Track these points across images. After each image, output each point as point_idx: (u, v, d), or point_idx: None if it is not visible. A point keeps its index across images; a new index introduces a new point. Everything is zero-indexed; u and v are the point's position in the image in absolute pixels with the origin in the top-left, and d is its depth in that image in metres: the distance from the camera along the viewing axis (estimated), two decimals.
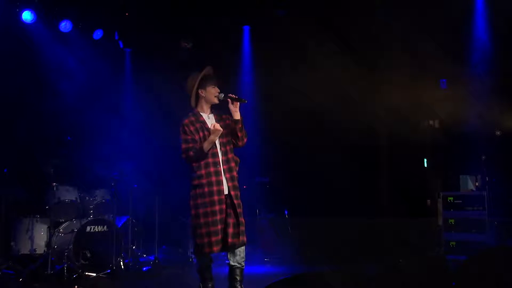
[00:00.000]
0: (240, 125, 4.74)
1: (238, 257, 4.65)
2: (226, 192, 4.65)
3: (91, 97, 8.04)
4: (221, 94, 4.77)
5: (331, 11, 8.01)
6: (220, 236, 4.55)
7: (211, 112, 4.86)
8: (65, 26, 8.03)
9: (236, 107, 4.72)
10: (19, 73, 7.53)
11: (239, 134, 4.76)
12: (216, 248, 4.55)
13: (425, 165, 8.74)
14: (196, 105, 4.84)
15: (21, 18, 7.65)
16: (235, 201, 4.64)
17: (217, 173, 4.65)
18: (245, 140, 4.84)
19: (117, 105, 8.82)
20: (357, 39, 7.89)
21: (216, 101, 4.80)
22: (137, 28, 8.63)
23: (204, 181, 4.61)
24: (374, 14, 7.77)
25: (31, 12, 7.68)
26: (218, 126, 4.63)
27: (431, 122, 8.69)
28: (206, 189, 4.60)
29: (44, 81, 7.80)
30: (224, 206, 4.61)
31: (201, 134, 4.69)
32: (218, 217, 4.56)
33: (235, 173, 4.76)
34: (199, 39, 8.77)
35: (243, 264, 4.69)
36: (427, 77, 7.93)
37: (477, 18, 7.66)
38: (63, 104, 7.65)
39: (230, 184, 4.68)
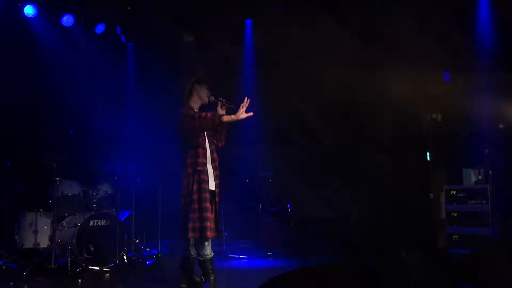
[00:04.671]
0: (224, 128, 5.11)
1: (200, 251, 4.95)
2: (212, 187, 4.96)
3: (93, 91, 8.04)
4: (211, 97, 5.10)
5: (331, 7, 7.98)
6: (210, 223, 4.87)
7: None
8: (67, 20, 8.02)
9: (223, 111, 5.04)
10: (21, 67, 7.53)
11: (222, 136, 5.14)
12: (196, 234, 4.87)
13: (428, 158, 8.73)
14: (188, 100, 5.09)
15: (23, 12, 7.64)
16: (217, 199, 4.99)
17: (205, 166, 4.96)
18: (224, 142, 5.18)
19: (119, 99, 8.81)
20: (359, 34, 7.86)
21: (207, 100, 5.11)
22: (139, 22, 8.61)
23: (201, 168, 4.90)
24: (376, 8, 7.74)
25: (33, 6, 7.67)
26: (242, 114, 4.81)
27: (434, 115, 8.67)
28: (202, 176, 4.91)
29: (46, 75, 7.79)
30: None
31: None
32: (208, 204, 4.87)
33: (218, 172, 5.05)
34: (201, 32, 8.75)
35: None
36: (430, 70, 7.90)
37: (481, 10, 7.62)
38: (66, 98, 7.65)
39: (217, 181, 5.01)
